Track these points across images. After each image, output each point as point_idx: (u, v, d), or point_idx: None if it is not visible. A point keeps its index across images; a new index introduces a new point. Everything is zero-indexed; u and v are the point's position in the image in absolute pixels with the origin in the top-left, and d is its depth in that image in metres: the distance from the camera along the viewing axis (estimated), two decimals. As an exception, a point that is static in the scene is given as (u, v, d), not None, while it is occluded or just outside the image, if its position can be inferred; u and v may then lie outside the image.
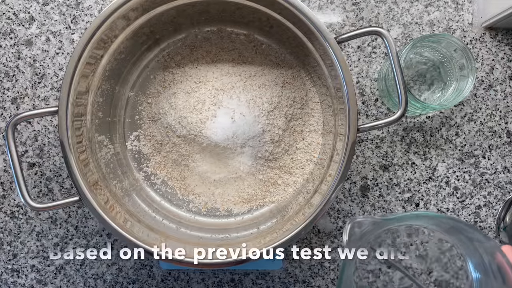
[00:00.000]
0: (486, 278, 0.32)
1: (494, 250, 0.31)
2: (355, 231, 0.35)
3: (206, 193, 0.52)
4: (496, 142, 0.53)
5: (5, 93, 0.53)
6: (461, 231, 0.33)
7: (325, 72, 0.46)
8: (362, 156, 0.53)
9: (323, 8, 0.53)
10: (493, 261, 0.31)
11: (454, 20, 0.53)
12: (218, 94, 0.50)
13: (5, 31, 0.53)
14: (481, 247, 0.32)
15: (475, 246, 0.33)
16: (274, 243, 0.41)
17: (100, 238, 0.54)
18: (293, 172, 0.52)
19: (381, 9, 0.53)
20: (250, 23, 0.50)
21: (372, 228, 0.35)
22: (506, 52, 0.53)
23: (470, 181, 0.53)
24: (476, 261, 0.33)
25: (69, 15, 0.53)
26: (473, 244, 0.33)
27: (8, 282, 0.54)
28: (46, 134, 0.53)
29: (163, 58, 0.52)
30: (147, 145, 0.52)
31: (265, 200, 0.52)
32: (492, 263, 0.31)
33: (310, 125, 0.52)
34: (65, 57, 0.53)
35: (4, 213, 0.54)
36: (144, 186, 0.52)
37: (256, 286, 0.54)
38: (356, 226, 0.36)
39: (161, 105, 0.51)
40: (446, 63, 0.51)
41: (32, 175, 0.53)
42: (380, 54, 0.53)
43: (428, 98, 0.53)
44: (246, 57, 0.52)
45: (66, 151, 0.42)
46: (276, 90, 0.50)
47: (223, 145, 0.49)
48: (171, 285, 0.54)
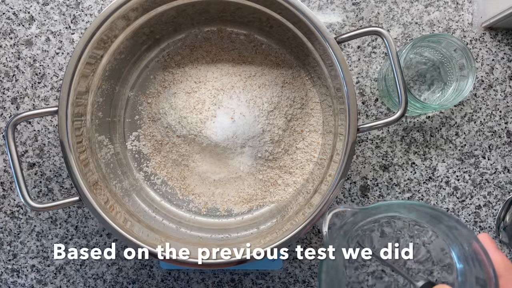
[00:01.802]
0: (467, 266, 0.32)
1: (470, 238, 0.31)
2: (335, 222, 0.35)
3: (206, 193, 0.52)
4: (496, 142, 0.53)
5: (5, 93, 0.53)
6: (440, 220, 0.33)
7: (325, 72, 0.46)
8: (362, 156, 0.53)
9: (323, 8, 0.53)
10: (471, 249, 0.31)
11: (454, 20, 0.53)
12: (218, 94, 0.50)
13: (5, 31, 0.53)
14: (459, 235, 0.32)
15: (455, 235, 0.33)
16: (274, 243, 0.41)
17: (100, 238, 0.54)
18: (293, 172, 0.52)
19: (381, 9, 0.53)
20: (250, 23, 0.50)
21: (353, 218, 0.35)
22: (506, 52, 0.53)
23: (470, 181, 0.53)
24: (458, 250, 0.33)
25: (69, 15, 0.53)
26: (452, 232, 0.33)
27: (8, 282, 0.54)
28: (46, 134, 0.53)
29: (163, 58, 0.52)
30: (147, 145, 0.52)
31: (265, 200, 0.52)
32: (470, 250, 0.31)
33: (310, 125, 0.52)
34: (65, 57, 0.53)
35: (4, 213, 0.54)
36: (144, 186, 0.52)
37: (256, 286, 0.54)
38: (336, 217, 0.36)
39: (161, 105, 0.51)
40: (446, 63, 0.51)
41: (32, 175, 0.53)
42: (380, 54, 0.53)
43: (428, 98, 0.53)
44: (246, 57, 0.52)
45: (66, 151, 0.42)
46: (276, 90, 0.50)
47: (223, 145, 0.49)
48: (171, 285, 0.54)
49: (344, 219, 0.35)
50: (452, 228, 0.32)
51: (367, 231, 0.38)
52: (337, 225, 0.35)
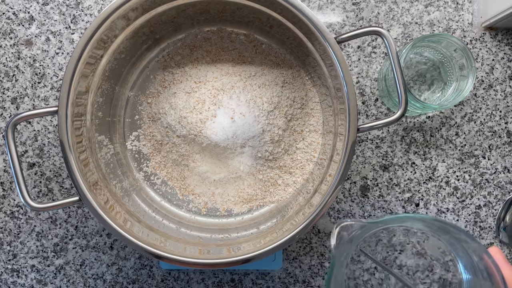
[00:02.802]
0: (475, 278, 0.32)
1: (480, 251, 0.31)
2: (343, 235, 0.35)
3: (206, 193, 0.52)
4: (496, 142, 0.53)
5: (5, 93, 0.53)
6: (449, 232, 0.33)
7: (325, 72, 0.46)
8: (362, 156, 0.53)
9: (323, 8, 0.53)
10: (481, 262, 0.31)
11: (454, 20, 0.53)
12: (218, 94, 0.50)
13: (5, 31, 0.53)
14: (469, 248, 0.32)
15: (463, 247, 0.33)
16: (274, 243, 0.41)
17: (100, 238, 0.54)
18: (293, 172, 0.52)
19: (381, 9, 0.53)
20: (250, 23, 0.50)
21: (361, 231, 0.35)
22: (506, 52, 0.53)
23: (470, 181, 0.53)
24: (466, 261, 0.33)
25: (69, 15, 0.53)
26: (461, 244, 0.33)
27: (8, 282, 0.54)
28: (46, 134, 0.53)
29: (163, 58, 0.52)
30: (147, 145, 0.52)
31: (265, 200, 0.52)
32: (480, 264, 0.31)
33: (310, 125, 0.52)
34: (65, 57, 0.53)
35: (4, 213, 0.54)
36: (144, 186, 0.52)
37: (256, 286, 0.54)
38: (344, 230, 0.35)
39: (161, 105, 0.51)
40: (446, 63, 0.51)
41: (32, 175, 0.53)
42: (380, 54, 0.53)
43: (428, 98, 0.53)
44: (246, 57, 0.52)
45: (66, 151, 0.42)
46: (276, 90, 0.50)
47: (223, 145, 0.49)
48: (171, 285, 0.54)
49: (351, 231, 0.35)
50: (462, 241, 0.32)
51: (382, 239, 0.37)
52: (344, 238, 0.35)
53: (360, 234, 0.35)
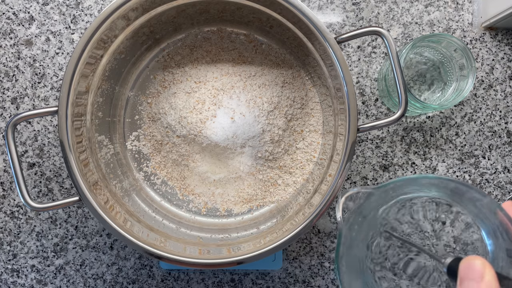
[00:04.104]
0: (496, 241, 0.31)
1: (494, 207, 0.30)
2: (349, 205, 0.34)
3: (206, 193, 0.52)
4: (496, 142, 0.53)
5: (5, 93, 0.53)
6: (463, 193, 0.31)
7: (325, 72, 0.46)
8: (362, 156, 0.53)
9: (323, 8, 0.53)
10: (495, 218, 0.30)
11: (454, 20, 0.53)
12: (218, 94, 0.50)
13: (5, 31, 0.53)
14: (483, 206, 0.31)
15: (479, 208, 0.31)
16: (274, 243, 0.41)
17: (100, 238, 0.54)
18: (293, 172, 0.52)
19: (381, 9, 0.53)
20: (250, 23, 0.50)
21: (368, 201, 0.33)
22: (506, 52, 0.53)
23: (470, 181, 0.53)
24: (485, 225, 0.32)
25: (69, 15, 0.53)
26: (476, 206, 0.31)
27: (8, 282, 0.54)
28: (46, 134, 0.53)
29: (163, 58, 0.52)
30: (147, 145, 0.52)
31: (265, 200, 0.52)
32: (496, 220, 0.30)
33: (310, 125, 0.52)
34: (65, 57, 0.53)
35: (4, 213, 0.54)
36: (144, 186, 0.52)
37: (256, 286, 0.54)
38: (349, 200, 0.34)
39: (161, 105, 0.51)
40: (446, 63, 0.51)
41: (32, 175, 0.53)
42: (380, 54, 0.53)
43: (428, 98, 0.53)
44: (246, 57, 0.52)
45: (66, 151, 0.42)
46: (276, 90, 0.50)
47: (223, 145, 0.49)
48: (171, 285, 0.54)
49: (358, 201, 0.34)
50: (475, 200, 0.31)
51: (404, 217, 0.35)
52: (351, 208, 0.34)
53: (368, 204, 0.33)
